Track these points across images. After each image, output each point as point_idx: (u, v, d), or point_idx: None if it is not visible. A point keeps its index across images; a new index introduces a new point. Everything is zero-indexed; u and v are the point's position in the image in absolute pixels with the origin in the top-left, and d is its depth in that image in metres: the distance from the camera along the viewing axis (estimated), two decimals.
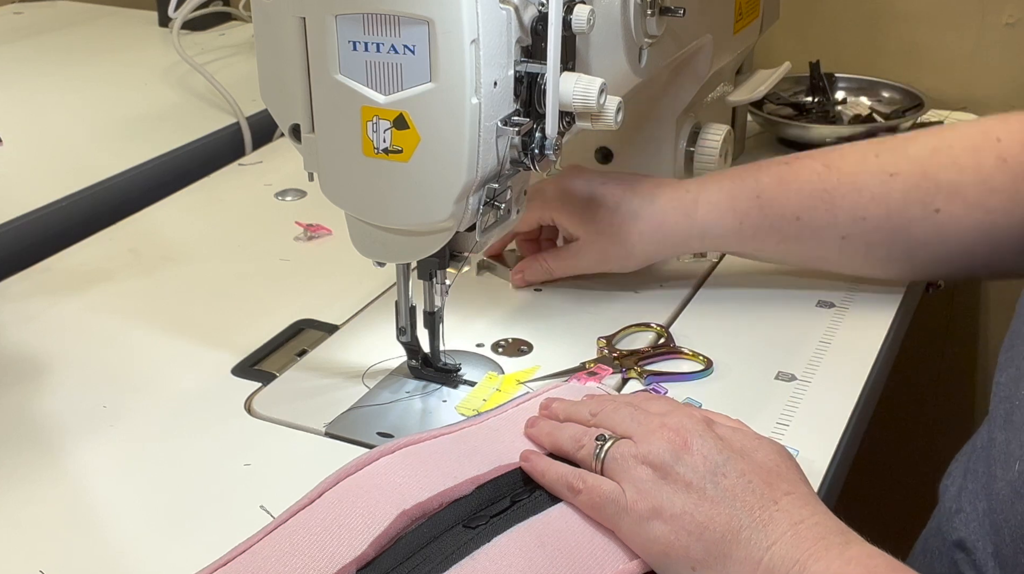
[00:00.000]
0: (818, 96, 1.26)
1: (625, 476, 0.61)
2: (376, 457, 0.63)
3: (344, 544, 0.58)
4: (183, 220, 1.07)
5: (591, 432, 0.64)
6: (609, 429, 0.64)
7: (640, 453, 0.61)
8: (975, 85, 1.31)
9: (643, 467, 0.60)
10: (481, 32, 0.63)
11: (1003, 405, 0.60)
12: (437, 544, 0.59)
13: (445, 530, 0.60)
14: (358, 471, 0.62)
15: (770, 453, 0.61)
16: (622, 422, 0.64)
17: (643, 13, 0.79)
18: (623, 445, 0.62)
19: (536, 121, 0.68)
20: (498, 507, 0.62)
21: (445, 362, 0.78)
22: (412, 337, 0.78)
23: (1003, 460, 0.58)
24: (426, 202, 0.67)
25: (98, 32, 1.58)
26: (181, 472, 0.71)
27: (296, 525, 0.60)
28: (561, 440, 0.65)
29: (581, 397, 0.71)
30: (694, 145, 0.99)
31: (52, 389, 0.80)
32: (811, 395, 0.77)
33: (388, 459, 0.63)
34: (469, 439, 0.67)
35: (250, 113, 1.25)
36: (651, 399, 0.68)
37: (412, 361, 0.79)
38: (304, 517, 0.60)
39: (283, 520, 0.60)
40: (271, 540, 0.59)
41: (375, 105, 0.65)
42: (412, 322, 0.77)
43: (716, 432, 0.62)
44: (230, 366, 0.82)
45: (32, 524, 0.66)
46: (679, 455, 0.60)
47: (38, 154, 1.15)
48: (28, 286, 0.94)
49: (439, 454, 0.65)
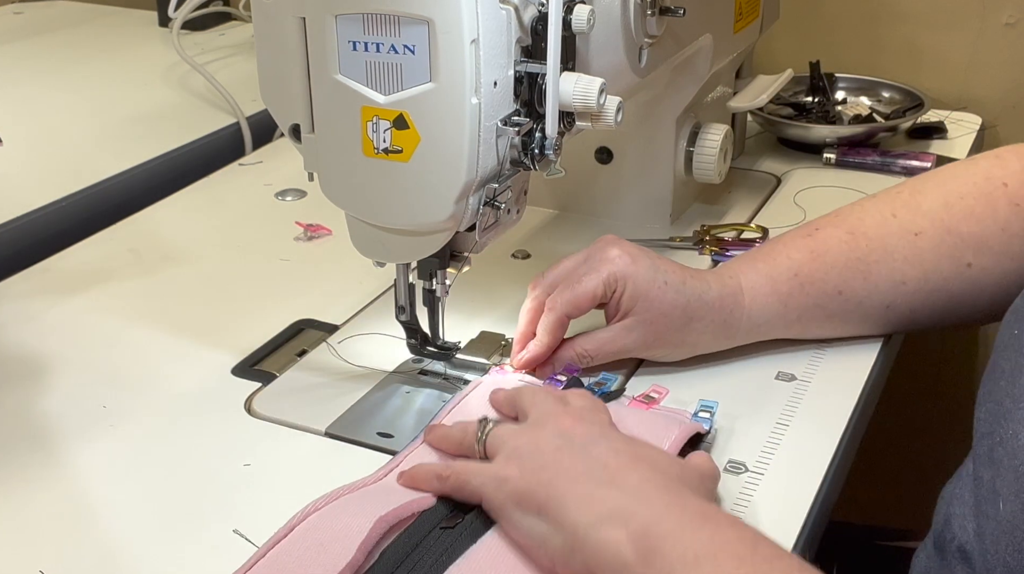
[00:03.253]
0: (818, 96, 1.26)
1: (503, 446, 0.63)
2: (335, 497, 0.63)
3: (333, 556, 0.58)
4: (183, 220, 1.07)
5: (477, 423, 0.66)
6: (523, 409, 0.66)
7: (524, 429, 0.63)
8: (975, 85, 1.31)
9: (522, 438, 0.62)
10: (481, 32, 0.63)
11: (985, 441, 0.60)
12: (422, 549, 0.60)
13: (424, 536, 0.60)
14: (324, 506, 0.62)
15: (672, 466, 0.61)
16: (535, 401, 0.66)
17: (643, 13, 0.79)
18: (505, 426, 0.64)
19: (536, 121, 0.68)
20: (465, 508, 0.63)
21: (445, 340, 0.78)
22: (411, 316, 0.77)
23: (991, 499, 0.58)
24: (426, 202, 0.67)
25: (98, 32, 1.58)
26: (181, 472, 0.71)
27: (277, 555, 0.59)
28: (452, 435, 0.67)
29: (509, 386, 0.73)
30: (694, 145, 0.99)
31: (52, 389, 0.80)
32: (811, 395, 0.77)
33: (349, 495, 0.63)
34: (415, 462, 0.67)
35: (250, 113, 1.25)
36: (575, 394, 0.69)
37: (412, 340, 0.79)
38: (285, 546, 0.60)
39: (260, 555, 0.59)
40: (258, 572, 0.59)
41: (375, 105, 0.65)
42: (411, 301, 0.77)
43: (619, 432, 0.64)
44: (230, 366, 0.82)
45: (32, 524, 0.66)
46: (563, 429, 0.62)
47: (38, 154, 1.15)
48: (28, 286, 0.94)
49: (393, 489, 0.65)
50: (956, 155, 1.17)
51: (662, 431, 0.68)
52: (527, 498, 0.59)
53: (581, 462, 0.59)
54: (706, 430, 0.71)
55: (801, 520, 0.65)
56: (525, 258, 0.97)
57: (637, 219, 1.01)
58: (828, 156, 1.14)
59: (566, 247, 0.98)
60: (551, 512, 0.58)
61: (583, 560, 0.56)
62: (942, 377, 1.46)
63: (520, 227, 0.90)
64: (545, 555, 0.58)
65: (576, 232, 1.01)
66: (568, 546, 0.57)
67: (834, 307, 0.79)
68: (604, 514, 0.56)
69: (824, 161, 1.15)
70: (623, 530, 0.55)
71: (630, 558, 0.54)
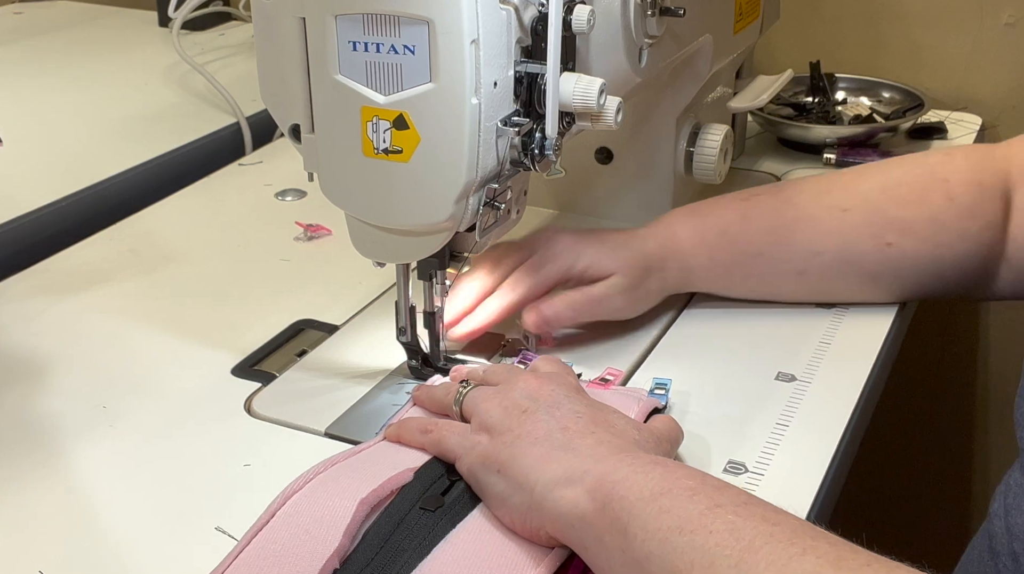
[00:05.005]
0: (818, 96, 1.26)
1: (476, 410, 0.66)
2: (312, 475, 0.64)
3: (319, 542, 0.59)
4: (183, 220, 1.07)
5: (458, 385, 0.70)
6: (491, 381, 0.69)
7: (496, 392, 0.66)
8: (975, 85, 1.31)
9: (493, 401, 0.65)
10: (481, 32, 0.63)
11: None
12: (403, 530, 0.61)
13: (404, 515, 0.62)
14: (301, 489, 0.63)
15: (629, 428, 0.64)
16: (501, 372, 0.70)
17: (643, 13, 0.79)
18: (482, 389, 0.68)
19: (536, 121, 0.68)
20: (442, 485, 0.65)
21: (446, 363, 0.78)
22: (412, 337, 0.77)
23: None
24: (426, 202, 0.67)
25: (98, 32, 1.58)
26: (181, 472, 0.71)
27: (262, 544, 0.60)
28: (435, 394, 0.72)
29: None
30: (694, 145, 0.99)
31: (52, 389, 0.80)
32: (811, 395, 0.77)
33: (325, 474, 0.64)
34: (389, 445, 0.69)
35: (250, 113, 1.25)
36: (543, 360, 0.73)
37: (412, 361, 0.79)
38: (267, 535, 0.60)
39: (245, 543, 0.60)
40: (242, 562, 0.59)
41: (375, 105, 0.65)
42: (412, 322, 0.77)
43: (584, 395, 0.67)
44: (230, 366, 0.82)
45: (32, 524, 0.66)
46: (530, 391, 0.65)
47: (38, 154, 1.16)
48: (28, 286, 0.94)
49: (370, 461, 0.67)
50: None
51: (623, 406, 0.70)
52: (491, 459, 0.62)
53: (543, 424, 0.62)
54: (662, 405, 0.73)
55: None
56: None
57: (637, 219, 1.01)
58: (828, 156, 1.15)
59: None
60: (511, 472, 0.61)
61: (541, 519, 0.59)
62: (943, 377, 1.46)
63: (520, 227, 0.90)
64: (507, 514, 0.61)
65: None
66: (526, 505, 0.60)
67: (752, 267, 0.84)
68: (559, 475, 0.59)
69: (824, 161, 1.15)
70: (579, 486, 0.58)
71: (588, 509, 0.57)
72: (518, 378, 0.67)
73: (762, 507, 0.54)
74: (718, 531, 0.52)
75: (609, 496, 0.56)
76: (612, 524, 0.55)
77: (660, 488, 0.55)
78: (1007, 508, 0.62)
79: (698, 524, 0.53)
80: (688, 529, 0.53)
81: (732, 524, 0.52)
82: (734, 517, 0.53)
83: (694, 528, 0.53)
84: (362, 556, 0.59)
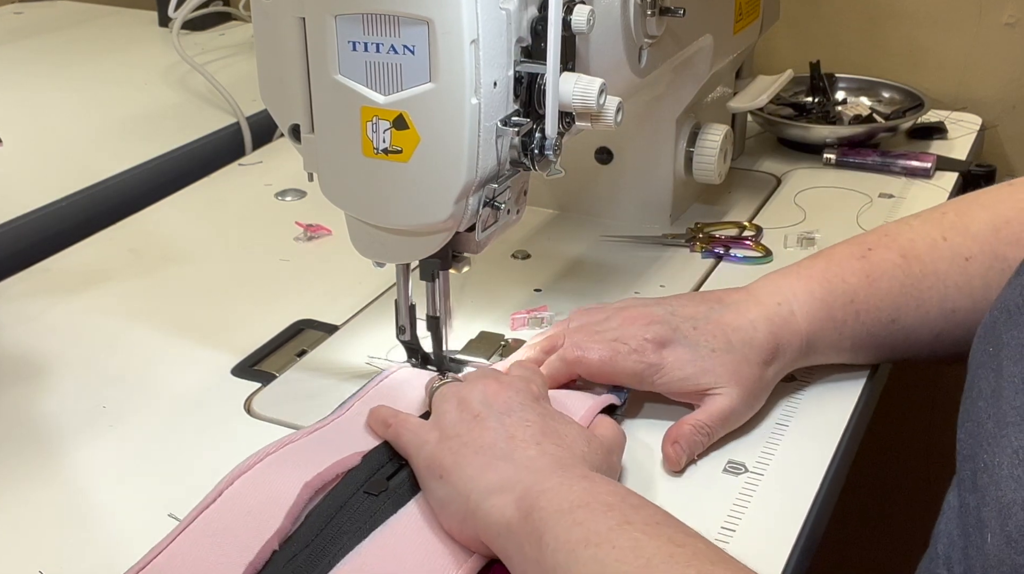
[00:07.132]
0: (818, 96, 1.26)
1: (436, 407, 0.67)
2: (263, 456, 0.66)
3: (261, 523, 0.60)
4: (183, 220, 1.07)
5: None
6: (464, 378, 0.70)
7: (456, 391, 0.67)
8: (975, 85, 1.31)
9: (452, 401, 0.66)
10: (481, 32, 0.63)
11: (967, 465, 0.59)
12: (345, 513, 0.62)
13: (348, 498, 0.63)
14: (250, 469, 0.65)
15: (578, 440, 0.63)
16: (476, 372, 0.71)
17: (643, 13, 0.79)
18: (451, 386, 0.68)
19: (536, 121, 0.68)
20: (389, 469, 0.66)
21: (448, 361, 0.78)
22: (412, 336, 0.77)
23: (978, 529, 0.57)
24: (426, 202, 0.67)
25: (98, 32, 1.58)
26: (181, 472, 0.71)
27: (205, 522, 0.61)
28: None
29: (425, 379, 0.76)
30: (694, 145, 0.99)
31: (52, 389, 0.80)
32: (811, 395, 0.77)
33: (274, 455, 0.66)
34: (343, 426, 0.71)
35: (250, 113, 1.25)
36: (516, 365, 0.73)
37: (412, 360, 0.79)
38: (211, 514, 0.62)
39: (189, 521, 0.62)
40: (184, 539, 0.61)
41: (375, 105, 0.65)
42: (412, 321, 0.77)
43: (540, 404, 0.66)
44: (230, 366, 0.82)
45: (32, 524, 0.66)
46: (487, 396, 0.65)
47: (38, 154, 1.16)
48: (28, 286, 0.94)
49: (321, 442, 0.68)
50: (956, 155, 1.17)
51: (578, 402, 0.71)
52: (435, 463, 0.63)
53: (492, 432, 0.63)
54: (620, 402, 0.73)
55: (801, 520, 0.65)
56: (525, 258, 0.97)
57: (637, 219, 1.01)
58: (828, 156, 1.14)
59: (566, 247, 0.98)
60: (451, 479, 0.61)
61: (474, 527, 0.60)
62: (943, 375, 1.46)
63: (520, 227, 0.91)
64: (446, 520, 0.62)
65: (576, 232, 1.01)
66: (463, 513, 0.60)
67: (885, 335, 0.76)
68: (495, 484, 0.60)
69: (824, 161, 1.14)
70: (509, 495, 0.58)
71: (513, 518, 0.57)
72: (480, 381, 0.68)
73: (673, 529, 0.55)
74: (621, 547, 0.53)
75: (532, 506, 0.57)
76: (530, 534, 0.56)
77: (580, 501, 0.56)
78: (937, 534, 0.61)
79: (604, 538, 0.54)
80: (594, 542, 0.54)
81: (637, 541, 0.53)
82: (641, 535, 0.54)
83: (600, 542, 0.54)
84: (302, 537, 0.61)
